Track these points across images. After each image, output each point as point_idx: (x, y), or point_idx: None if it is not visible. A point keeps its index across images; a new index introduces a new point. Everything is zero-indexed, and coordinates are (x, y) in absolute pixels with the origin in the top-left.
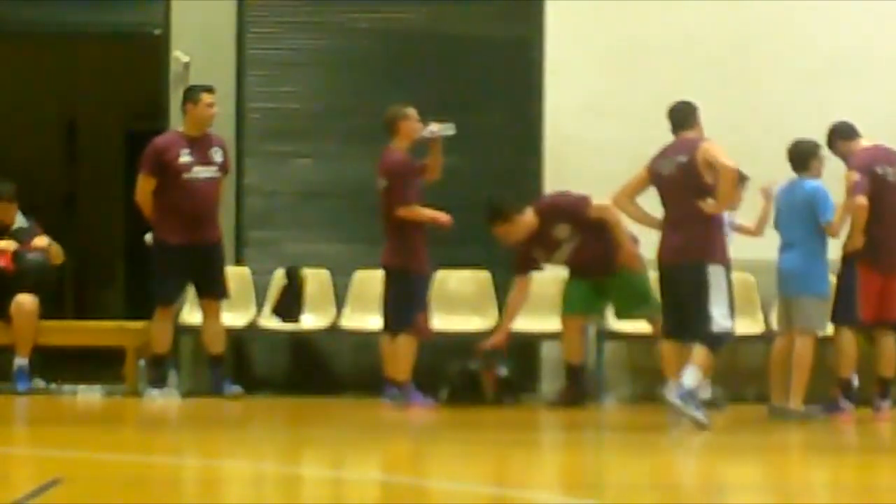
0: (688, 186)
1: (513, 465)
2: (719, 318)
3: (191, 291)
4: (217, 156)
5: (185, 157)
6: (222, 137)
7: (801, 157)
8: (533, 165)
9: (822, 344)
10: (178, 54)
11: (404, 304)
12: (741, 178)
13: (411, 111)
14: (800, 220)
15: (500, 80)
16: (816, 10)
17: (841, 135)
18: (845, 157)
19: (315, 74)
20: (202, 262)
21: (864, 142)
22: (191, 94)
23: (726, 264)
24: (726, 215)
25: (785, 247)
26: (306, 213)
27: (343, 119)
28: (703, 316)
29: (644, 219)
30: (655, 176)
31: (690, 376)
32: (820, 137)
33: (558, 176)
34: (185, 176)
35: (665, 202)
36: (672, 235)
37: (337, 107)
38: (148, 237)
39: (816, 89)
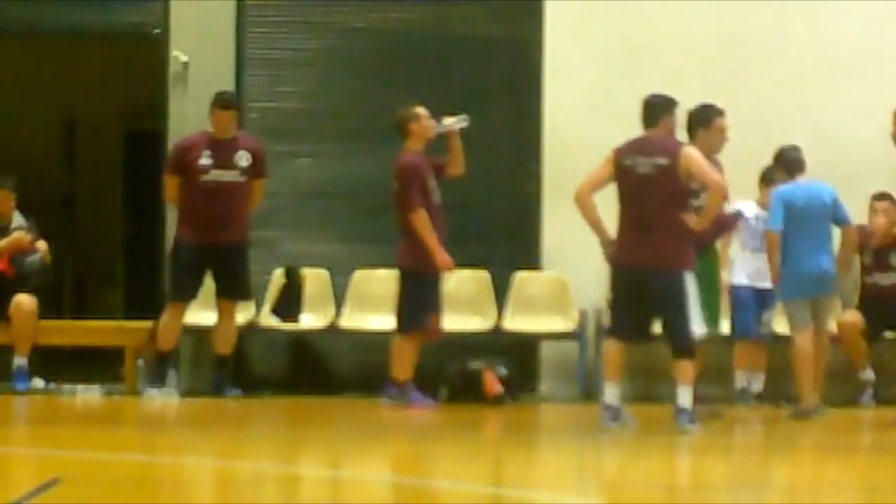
0: (665, 190)
1: (512, 464)
2: (693, 326)
3: (202, 291)
4: (242, 160)
5: (204, 160)
6: (258, 142)
7: (800, 161)
8: (532, 166)
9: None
10: (178, 54)
11: (416, 304)
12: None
13: (422, 111)
14: (824, 220)
15: (499, 80)
16: (818, 9)
17: None
18: None
19: (314, 74)
20: (219, 263)
21: None
22: (213, 101)
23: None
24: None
25: (811, 248)
26: (306, 213)
27: (342, 119)
28: (683, 326)
29: (597, 223)
30: (626, 173)
31: (685, 397)
32: (818, 137)
33: (558, 176)
34: (203, 178)
35: (633, 201)
36: (641, 237)
37: (336, 107)
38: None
39: (820, 89)
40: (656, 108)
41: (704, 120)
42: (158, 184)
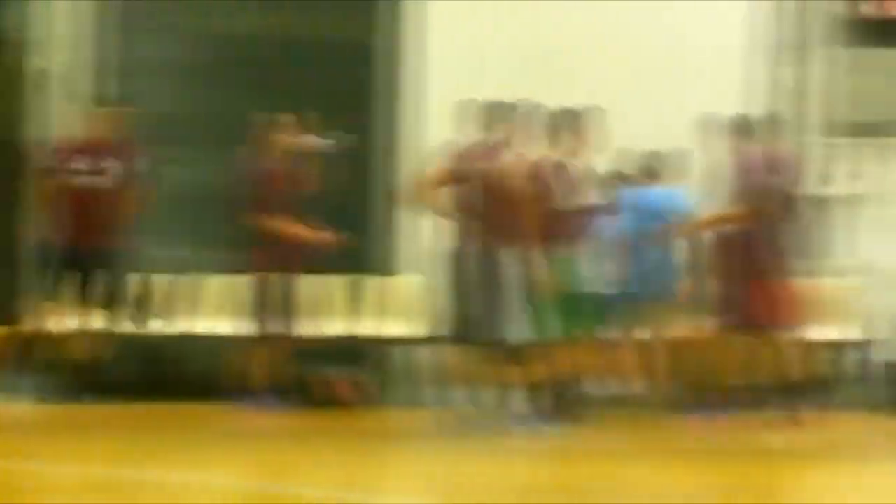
0: (493, 193)
1: (365, 470)
2: (516, 329)
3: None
4: (115, 166)
5: (77, 163)
6: (129, 148)
7: (658, 164)
8: (390, 170)
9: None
10: (37, 60)
11: (270, 310)
12: (620, 178)
13: (285, 119)
14: (668, 224)
15: (360, 84)
16: (697, 9)
17: (738, 130)
18: (733, 155)
19: (171, 80)
20: (85, 267)
21: (756, 145)
22: (88, 101)
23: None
24: None
25: (658, 252)
26: (160, 218)
27: (198, 125)
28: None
29: (443, 212)
30: (460, 176)
31: (518, 401)
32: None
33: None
34: (72, 181)
35: (469, 204)
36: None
37: (191, 113)
38: None
39: (699, 88)
40: (493, 113)
41: (568, 122)
42: (18, 190)
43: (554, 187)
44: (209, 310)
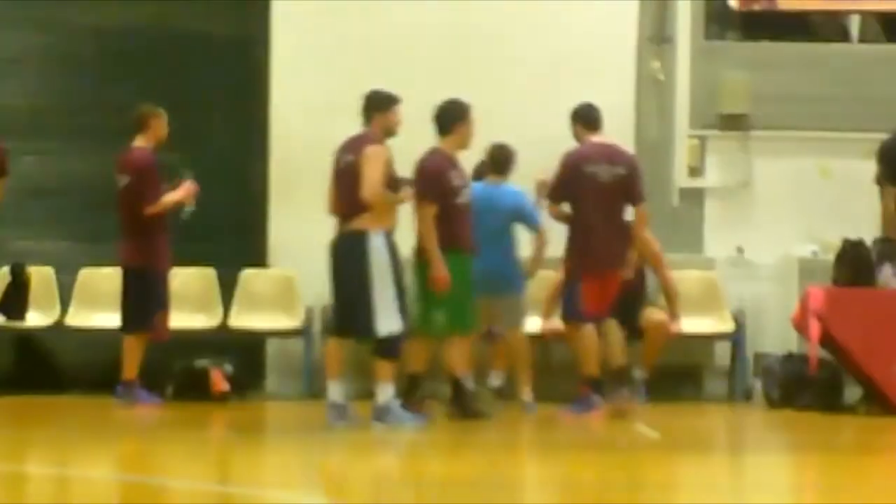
0: (357, 183)
1: (239, 462)
2: (385, 323)
3: None
4: None
5: None
6: None
7: (505, 161)
8: (259, 163)
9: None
10: None
11: (142, 303)
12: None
13: (162, 111)
14: (503, 221)
15: (225, 78)
16: (544, 9)
17: (579, 120)
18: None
19: (38, 71)
20: None
21: (594, 137)
22: None
23: None
24: None
25: (487, 248)
26: (30, 211)
27: (67, 116)
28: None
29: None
30: (334, 167)
31: (381, 394)
32: (540, 136)
33: (284, 174)
34: None
35: (334, 196)
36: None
37: (61, 104)
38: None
39: (547, 87)
40: (369, 105)
41: (459, 115)
42: None
43: (444, 181)
44: (83, 302)
